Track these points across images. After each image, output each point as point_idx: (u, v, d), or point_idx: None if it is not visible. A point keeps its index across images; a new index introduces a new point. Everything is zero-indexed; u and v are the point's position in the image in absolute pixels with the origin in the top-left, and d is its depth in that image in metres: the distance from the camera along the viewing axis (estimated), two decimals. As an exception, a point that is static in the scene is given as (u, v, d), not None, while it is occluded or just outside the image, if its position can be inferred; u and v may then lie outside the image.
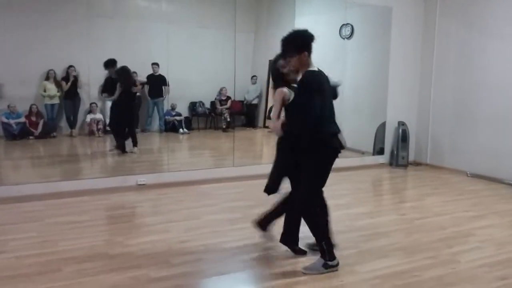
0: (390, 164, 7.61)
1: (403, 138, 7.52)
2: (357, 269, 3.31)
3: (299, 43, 3.14)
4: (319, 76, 3.15)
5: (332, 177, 3.36)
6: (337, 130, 3.30)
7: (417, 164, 7.71)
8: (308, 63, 3.16)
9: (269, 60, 12.06)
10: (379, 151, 7.92)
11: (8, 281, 3.00)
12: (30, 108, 8.76)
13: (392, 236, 4.10)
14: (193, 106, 11.71)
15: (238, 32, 8.80)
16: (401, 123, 7.58)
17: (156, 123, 11.00)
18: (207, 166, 7.08)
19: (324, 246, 3.22)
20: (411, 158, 7.77)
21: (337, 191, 5.81)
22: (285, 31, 9.94)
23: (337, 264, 3.26)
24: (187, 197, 5.30)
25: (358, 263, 3.42)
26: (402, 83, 7.78)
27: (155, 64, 10.51)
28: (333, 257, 3.24)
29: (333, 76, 3.57)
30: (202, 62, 10.78)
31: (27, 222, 4.22)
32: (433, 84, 7.62)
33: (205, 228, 4.14)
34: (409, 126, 7.62)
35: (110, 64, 7.73)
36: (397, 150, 7.54)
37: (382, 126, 7.89)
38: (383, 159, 7.72)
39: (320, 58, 10.56)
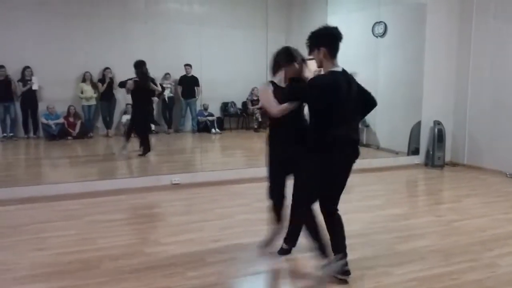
0: (426, 164, 7.44)
1: (439, 137, 7.34)
2: (393, 271, 3.26)
3: (314, 38, 3.02)
4: (331, 79, 2.94)
5: (365, 178, 3.31)
6: (353, 136, 3.04)
7: (453, 164, 7.51)
8: (327, 60, 2.99)
9: (302, 59, 12.04)
10: (414, 151, 7.76)
11: (49, 277, 3.10)
12: (68, 109, 9.04)
13: (428, 238, 4.01)
14: (225, 106, 11.80)
15: (269, 32, 8.80)
16: (437, 122, 7.40)
17: (189, 124, 11.14)
18: (239, 166, 7.11)
19: (318, 249, 3.01)
20: (448, 158, 7.58)
21: (370, 192, 5.74)
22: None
23: (341, 259, 3.02)
24: (220, 196, 5.35)
25: (394, 265, 3.36)
26: (437, 81, 7.60)
27: (188, 65, 10.65)
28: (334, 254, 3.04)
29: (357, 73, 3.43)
30: (233, 62, 10.84)
31: (66, 220, 4.36)
32: (470, 81, 7.40)
33: (239, 228, 4.16)
34: (445, 125, 7.43)
35: (139, 65, 7.73)
36: (433, 150, 7.36)
37: (417, 125, 7.72)
38: (418, 159, 7.56)
39: (352, 57, 10.44)
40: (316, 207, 3.11)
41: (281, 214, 3.37)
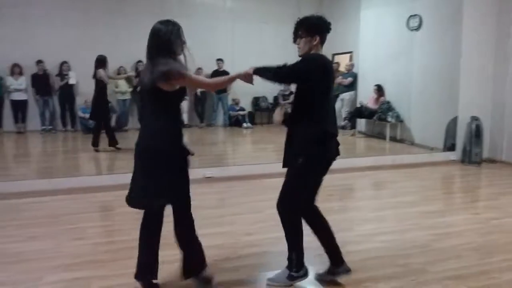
0: (462, 161, 7.25)
1: (476, 133, 7.14)
2: (428, 268, 3.20)
3: (312, 25, 2.82)
4: (323, 59, 2.81)
5: (398, 174, 3.26)
6: (335, 132, 2.89)
7: (491, 161, 7.29)
8: (317, 50, 2.83)
9: (333, 54, 11.91)
10: (450, 147, 7.57)
11: (86, 266, 3.20)
12: (104, 103, 9.25)
13: (465, 235, 3.91)
14: (256, 101, 11.83)
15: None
16: (474, 118, 7.19)
17: (220, 118, 11.25)
18: (270, 161, 7.11)
19: (293, 256, 2.91)
20: (485, 155, 7.36)
21: (404, 188, 5.65)
22: (349, 25, 9.90)
23: (305, 274, 2.95)
24: (252, 190, 5.38)
25: (428, 263, 3.30)
26: (474, 76, 7.37)
27: (219, 60, 10.73)
28: (300, 267, 2.93)
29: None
30: (265, 57, 10.78)
31: (101, 211, 4.49)
32: (509, 75, 7.15)
33: (270, 222, 4.15)
34: (483, 121, 7.22)
35: None
36: (470, 146, 7.16)
37: (453, 121, 7.53)
38: (454, 155, 7.37)
39: (385, 52, 10.32)
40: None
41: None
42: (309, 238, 3.00)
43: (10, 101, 9.86)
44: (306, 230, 2.97)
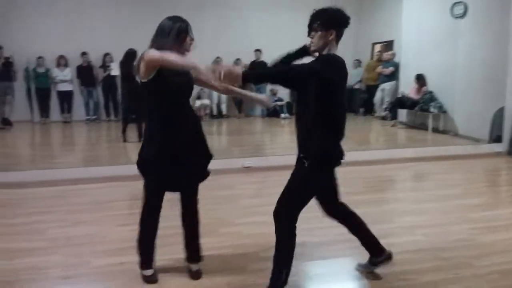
0: (509, 153, 6.98)
1: (524, 125, 6.85)
2: (472, 263, 3.13)
3: (329, 19, 2.55)
4: (341, 62, 2.58)
5: (441, 166, 3.18)
6: (344, 134, 2.73)
7: (540, 153, 6.99)
8: (333, 46, 2.58)
9: (373, 44, 11.68)
10: (496, 138, 7.30)
11: (130, 251, 3.27)
12: (145, 94, 9.47)
13: (511, 230, 3.79)
14: (293, 91, 11.77)
15: (342, 15, 8.59)
16: (523, 109, 6.90)
17: (258, 108, 11.27)
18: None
19: (284, 274, 2.69)
20: (534, 147, 7.06)
21: (447, 181, 5.51)
22: (391, 13, 9.68)
23: None
24: (291, 180, 5.38)
25: (473, 257, 3.22)
26: (524, 65, 7.05)
27: (257, 51, 10.73)
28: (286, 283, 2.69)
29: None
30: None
31: (144, 198, 4.60)
32: (563, 64, 6.81)
33: (307, 213, 4.06)
34: (533, 112, 6.91)
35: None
36: (517, 138, 6.89)
37: (500, 111, 7.25)
38: (500, 147, 7.10)
39: (428, 40, 10.03)
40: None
41: None
42: (343, 230, 3.00)
43: (57, 92, 10.25)
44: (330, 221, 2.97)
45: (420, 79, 9.17)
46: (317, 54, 2.63)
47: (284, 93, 11.47)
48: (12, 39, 9.56)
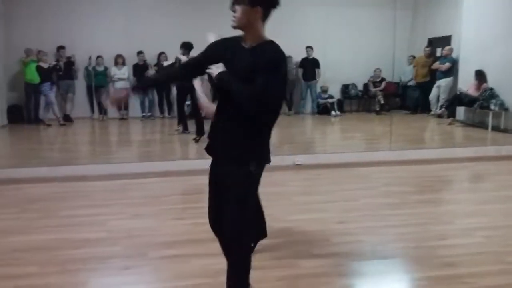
0: None
1: None
2: (539, 268, 2.96)
3: None
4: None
5: (501, 166, 3.02)
6: None
7: None
8: (260, 26, 2.26)
9: (428, 39, 11.28)
10: None
11: (186, 244, 3.39)
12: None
13: None
14: (345, 88, 11.61)
15: (396, 9, 8.39)
16: None
17: (309, 106, 11.20)
18: (361, 149, 6.99)
19: None
20: None
21: (509, 182, 5.25)
22: (449, 7, 9.33)
23: None
24: (343, 178, 5.32)
25: (539, 262, 3.05)
26: None
27: (309, 48, 10.66)
28: None
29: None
30: (356, 43, 10.57)
31: (198, 193, 4.66)
32: None
33: (363, 211, 4.11)
34: None
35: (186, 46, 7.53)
36: None
37: None
38: None
39: (489, 35, 9.56)
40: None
41: None
42: (401, 229, 2.92)
43: (114, 89, 10.66)
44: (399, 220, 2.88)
45: (480, 75, 8.76)
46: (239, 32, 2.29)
47: (335, 90, 11.34)
48: (73, 39, 10.03)
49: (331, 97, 11.07)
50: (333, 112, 10.88)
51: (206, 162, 2.73)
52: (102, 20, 10.30)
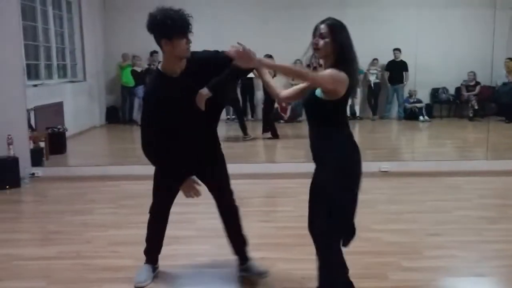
0: None
1: None
2: None
3: None
4: None
5: None
6: None
7: None
8: None
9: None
10: None
11: (271, 247, 3.43)
12: (281, 95, 9.72)
13: None
14: (435, 92, 11.04)
15: (496, 9, 7.84)
16: None
17: (395, 110, 10.80)
18: (452, 158, 6.62)
19: None
20: None
21: None
22: None
23: None
24: (434, 188, 5.06)
25: None
26: None
27: (396, 50, 10.30)
28: None
29: None
30: (448, 44, 10.03)
31: (283, 197, 4.73)
32: None
33: (457, 224, 3.89)
34: None
35: None
36: None
37: None
38: None
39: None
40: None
41: None
42: (500, 246, 2.71)
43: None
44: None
45: None
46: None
47: (423, 94, 10.83)
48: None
49: (419, 101, 10.58)
50: (421, 118, 10.39)
51: (288, 166, 2.74)
52: (194, 25, 10.65)
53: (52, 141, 6.47)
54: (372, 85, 10.57)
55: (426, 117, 10.37)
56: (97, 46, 10.03)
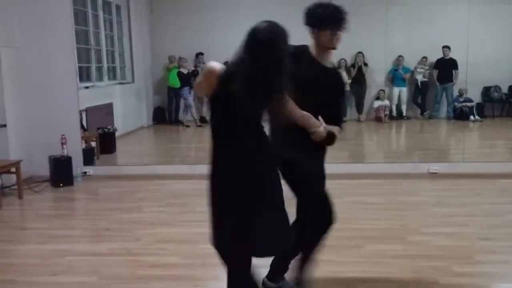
0: None
1: None
2: None
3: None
4: None
5: None
6: None
7: None
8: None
9: None
10: None
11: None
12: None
13: None
14: (486, 91, 10.60)
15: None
16: None
17: (443, 110, 10.45)
18: (505, 159, 6.33)
19: None
20: None
21: None
22: None
23: None
24: (486, 191, 4.87)
25: None
26: None
27: (446, 47, 9.96)
28: None
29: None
30: (500, 41, 9.61)
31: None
32: None
33: (509, 228, 3.74)
34: None
35: None
36: None
37: None
38: None
39: None
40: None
41: None
42: None
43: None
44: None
45: None
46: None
47: (474, 93, 10.43)
48: (210, 46, 10.69)
49: (469, 100, 10.19)
50: (471, 117, 10.00)
51: (334, 167, 2.72)
52: (234, 27, 10.80)
53: (102, 141, 6.71)
54: (419, 84, 10.28)
55: (477, 117, 9.97)
56: (144, 48, 10.32)
